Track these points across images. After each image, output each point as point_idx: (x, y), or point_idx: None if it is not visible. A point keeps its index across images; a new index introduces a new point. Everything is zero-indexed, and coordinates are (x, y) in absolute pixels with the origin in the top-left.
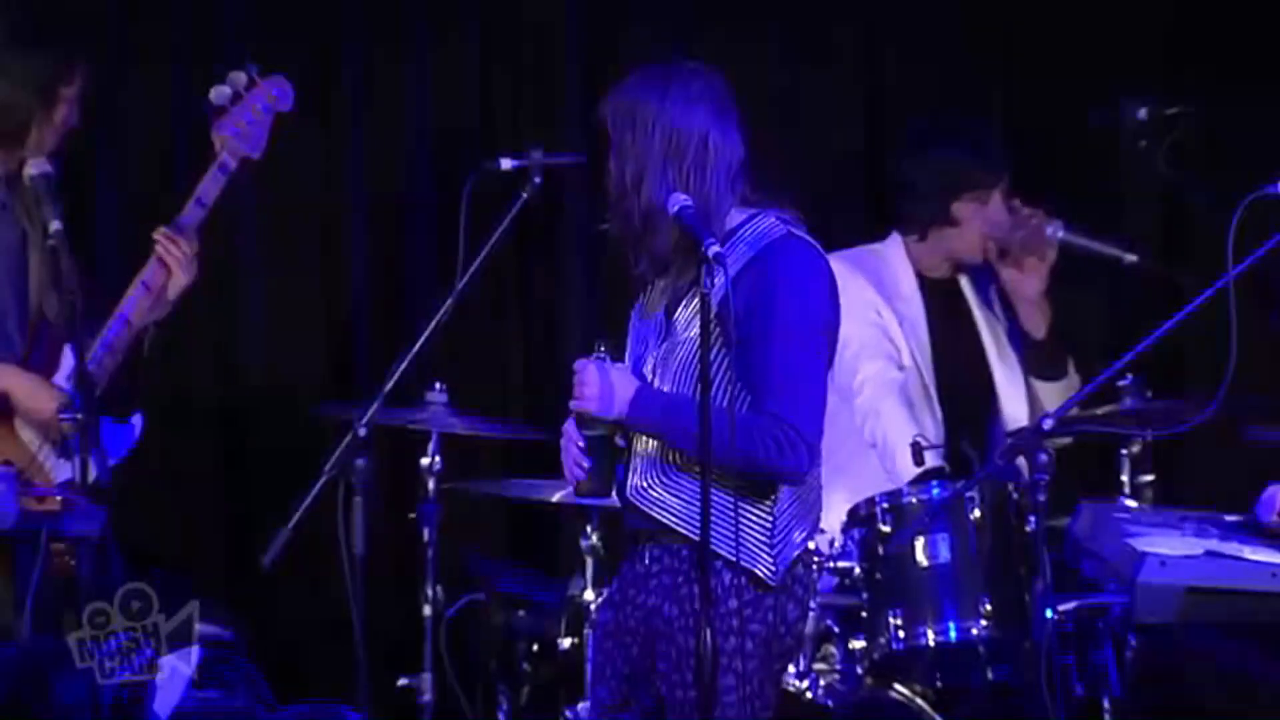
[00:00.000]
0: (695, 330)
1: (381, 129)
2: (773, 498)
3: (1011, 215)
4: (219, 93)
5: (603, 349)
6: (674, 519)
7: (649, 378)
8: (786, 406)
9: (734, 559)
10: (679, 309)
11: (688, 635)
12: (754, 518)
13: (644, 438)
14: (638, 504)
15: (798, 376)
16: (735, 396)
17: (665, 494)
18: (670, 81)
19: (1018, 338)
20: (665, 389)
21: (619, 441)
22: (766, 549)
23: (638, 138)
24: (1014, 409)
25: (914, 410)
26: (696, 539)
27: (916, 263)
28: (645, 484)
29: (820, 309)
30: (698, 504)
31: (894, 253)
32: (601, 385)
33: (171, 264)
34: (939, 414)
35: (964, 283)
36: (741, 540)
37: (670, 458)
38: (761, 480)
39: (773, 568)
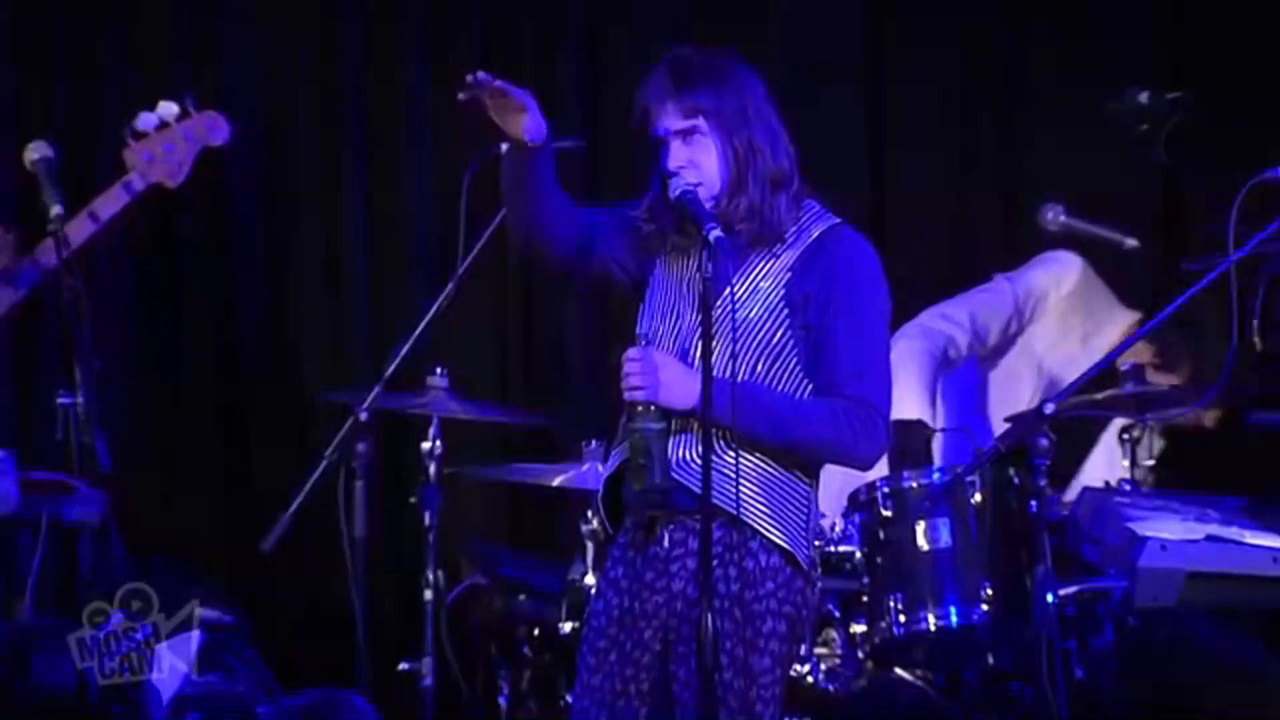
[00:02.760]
0: (752, 312)
1: (382, 118)
2: (810, 480)
3: None
4: (145, 119)
5: (644, 337)
6: (720, 496)
7: (690, 354)
8: (870, 390)
9: (778, 541)
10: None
11: (720, 618)
12: (798, 500)
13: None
14: (682, 479)
15: (877, 361)
16: (799, 380)
17: (714, 473)
18: (744, 67)
19: None
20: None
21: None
22: (804, 531)
23: (748, 115)
24: None
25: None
26: (736, 516)
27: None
28: (690, 457)
29: (887, 296)
30: (747, 481)
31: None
32: (669, 373)
33: None
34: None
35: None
36: (785, 522)
37: (718, 434)
38: (833, 462)
39: (808, 550)
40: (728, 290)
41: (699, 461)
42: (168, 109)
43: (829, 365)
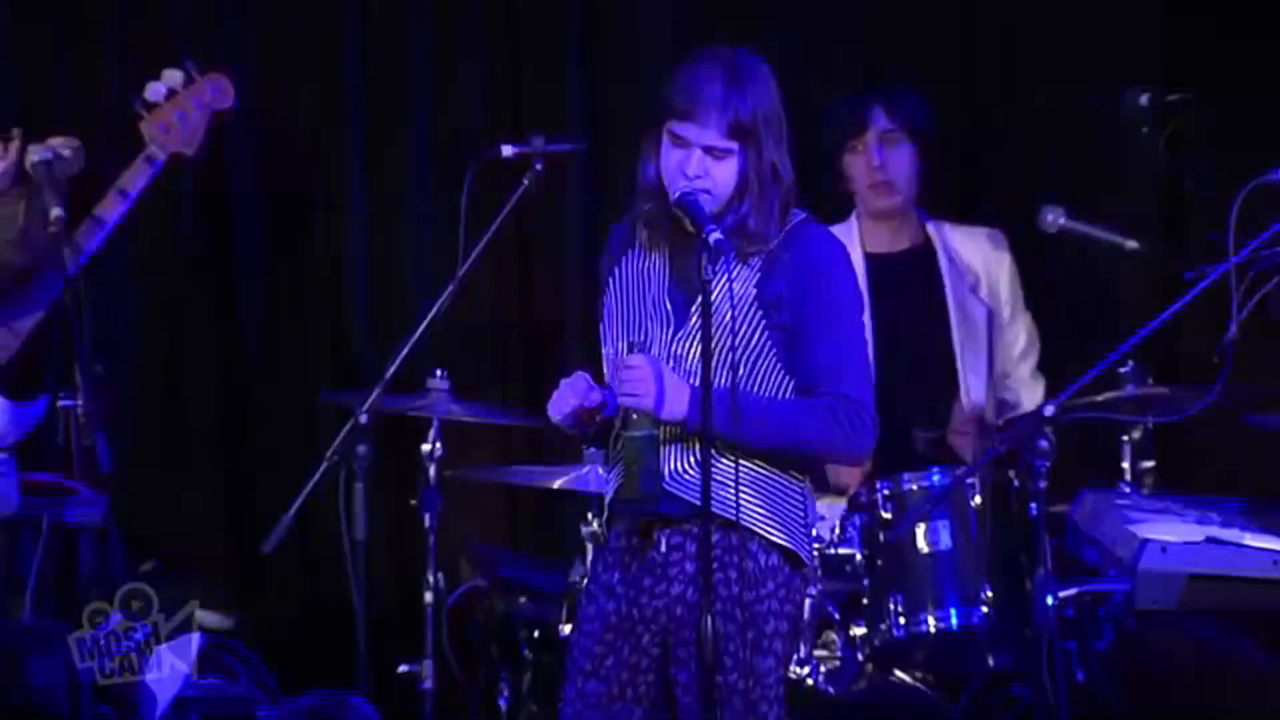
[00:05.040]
0: (725, 315)
1: (383, 116)
2: (803, 478)
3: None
4: (153, 89)
5: (634, 345)
6: (719, 503)
7: (671, 366)
8: (852, 386)
9: (778, 541)
10: (698, 298)
11: (722, 620)
12: (794, 498)
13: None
14: (675, 490)
15: (855, 356)
16: (780, 380)
17: (711, 480)
18: (771, 72)
19: (993, 321)
20: (695, 378)
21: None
22: (803, 529)
23: (778, 137)
24: (976, 391)
25: None
26: (736, 521)
27: (870, 241)
28: (683, 468)
29: (857, 289)
30: (741, 488)
31: (843, 235)
32: (660, 384)
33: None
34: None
35: (942, 262)
36: (784, 521)
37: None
38: (826, 461)
39: (808, 550)
40: (727, 297)
41: (693, 471)
42: (173, 77)
43: (808, 364)
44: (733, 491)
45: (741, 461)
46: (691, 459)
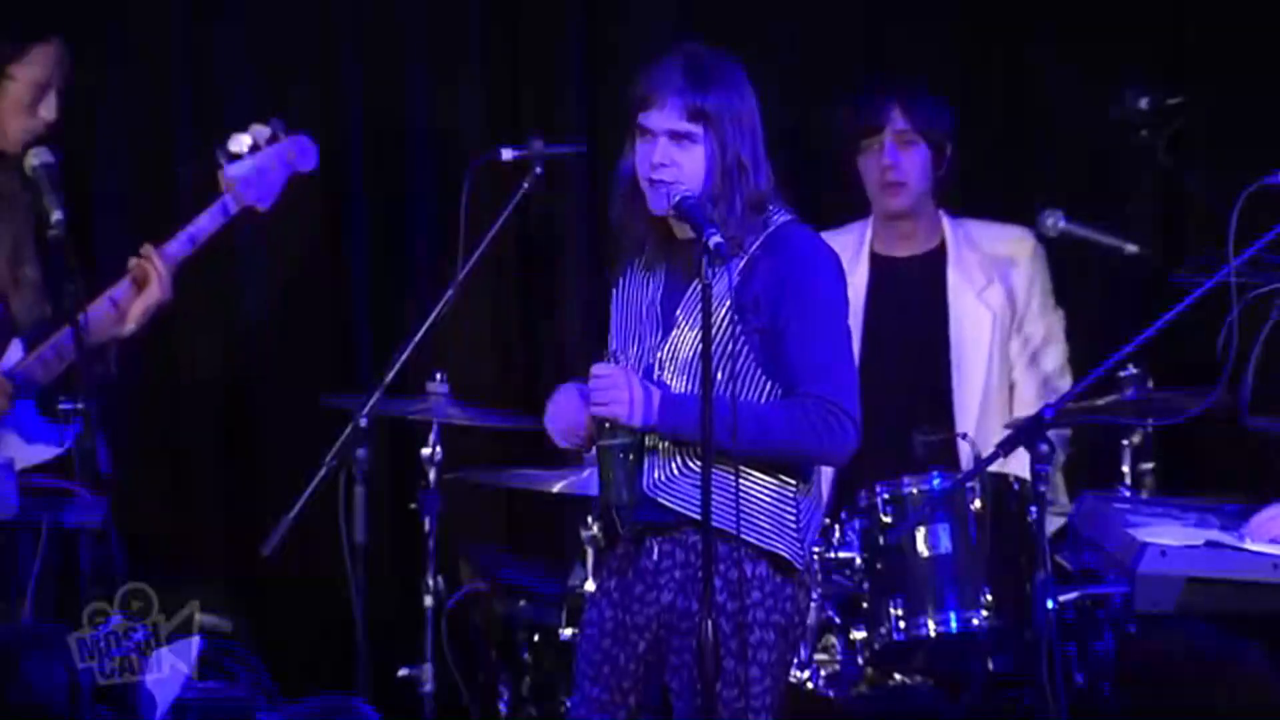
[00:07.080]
0: (721, 320)
1: (383, 118)
2: (797, 483)
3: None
4: (236, 141)
5: (615, 354)
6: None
7: (655, 372)
8: (831, 388)
9: (765, 547)
10: (684, 302)
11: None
12: (785, 504)
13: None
14: (659, 498)
15: (837, 358)
16: (760, 384)
17: (690, 486)
18: (743, 73)
19: (1000, 324)
20: (675, 383)
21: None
22: (795, 535)
23: (744, 130)
24: (967, 406)
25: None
26: (723, 529)
27: (880, 243)
28: (665, 477)
29: (841, 290)
30: (724, 494)
31: (849, 238)
32: (631, 392)
33: (149, 280)
34: None
35: (951, 270)
36: (773, 528)
37: (691, 450)
38: (805, 463)
39: (800, 554)
40: (720, 299)
41: (679, 478)
42: (259, 132)
43: (788, 367)
44: (722, 499)
45: (728, 469)
46: (675, 466)
